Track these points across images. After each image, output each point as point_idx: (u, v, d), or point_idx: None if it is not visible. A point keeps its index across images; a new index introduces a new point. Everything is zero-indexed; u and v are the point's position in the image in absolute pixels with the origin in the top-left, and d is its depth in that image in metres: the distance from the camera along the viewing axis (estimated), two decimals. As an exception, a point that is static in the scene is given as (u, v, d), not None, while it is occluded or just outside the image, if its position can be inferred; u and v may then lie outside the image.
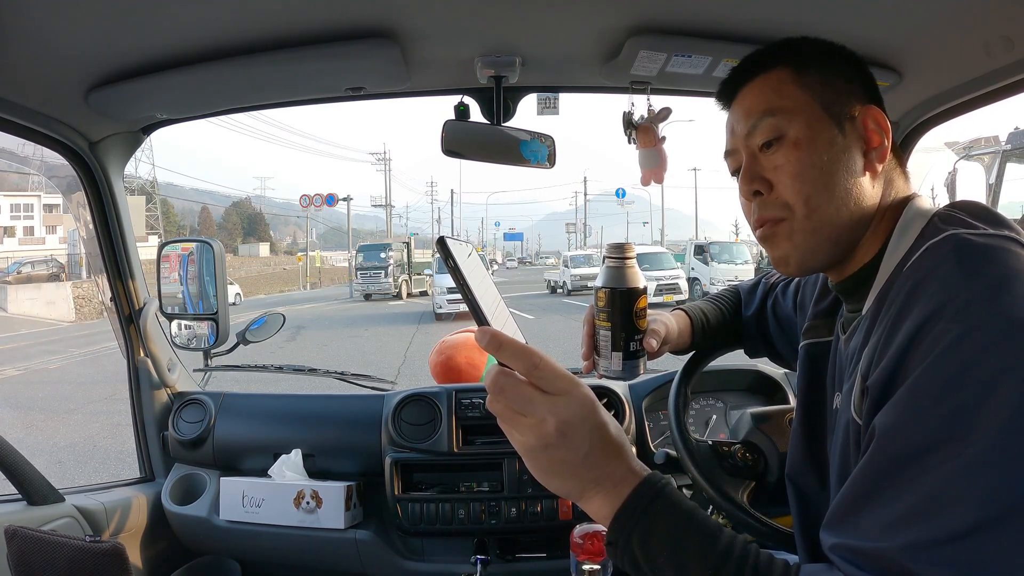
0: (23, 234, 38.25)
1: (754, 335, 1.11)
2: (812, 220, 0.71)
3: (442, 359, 1.71)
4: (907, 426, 0.53)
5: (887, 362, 0.57)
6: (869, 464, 0.54)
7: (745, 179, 0.75)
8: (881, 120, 0.73)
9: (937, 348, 0.53)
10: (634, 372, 0.88)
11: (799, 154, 0.71)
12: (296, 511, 1.43)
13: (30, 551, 1.10)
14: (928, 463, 0.50)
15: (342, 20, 1.01)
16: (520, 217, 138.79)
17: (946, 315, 0.54)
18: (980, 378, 0.50)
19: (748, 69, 0.78)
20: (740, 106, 0.78)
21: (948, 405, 0.51)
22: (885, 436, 0.54)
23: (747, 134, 0.75)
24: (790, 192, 0.72)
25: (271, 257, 57.39)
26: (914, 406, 0.53)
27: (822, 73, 0.74)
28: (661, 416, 1.56)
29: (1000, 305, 0.53)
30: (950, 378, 0.51)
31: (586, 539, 0.96)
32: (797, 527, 0.86)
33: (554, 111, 1.45)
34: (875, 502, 0.53)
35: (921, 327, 0.55)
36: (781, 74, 0.75)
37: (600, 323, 0.86)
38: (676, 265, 17.34)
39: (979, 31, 0.98)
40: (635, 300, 0.85)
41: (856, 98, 0.74)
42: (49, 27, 0.94)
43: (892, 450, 0.53)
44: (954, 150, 6.76)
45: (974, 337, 0.52)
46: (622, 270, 0.85)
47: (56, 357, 11.41)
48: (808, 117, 0.72)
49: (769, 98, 0.74)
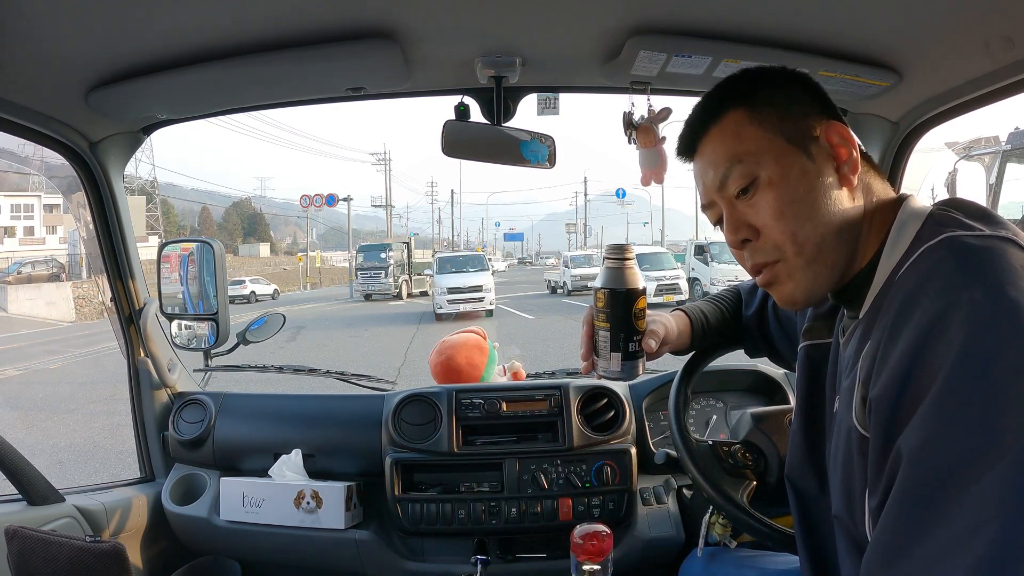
0: (23, 234, 38.25)
1: (755, 335, 1.11)
2: (805, 255, 0.71)
3: (442, 359, 1.71)
4: (939, 444, 0.51)
5: (891, 373, 0.56)
6: (906, 491, 0.52)
7: (730, 230, 0.75)
8: (844, 132, 0.72)
9: (950, 358, 0.52)
10: (633, 372, 0.88)
11: (775, 193, 0.71)
12: (296, 511, 1.43)
13: (30, 551, 1.10)
14: (968, 478, 0.49)
15: (342, 20, 1.01)
16: (520, 217, 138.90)
17: (951, 321, 0.53)
18: (999, 380, 0.50)
19: (700, 120, 0.77)
20: (704, 158, 0.77)
21: (975, 414, 0.50)
22: (916, 458, 0.52)
23: (720, 185, 0.74)
24: (777, 233, 0.71)
25: (271, 257, 57.40)
26: (941, 422, 0.51)
27: (773, 104, 0.73)
28: (661, 416, 1.56)
29: (1004, 305, 0.53)
30: (971, 387, 0.51)
31: (586, 539, 0.96)
32: (798, 528, 0.86)
33: (554, 111, 1.45)
34: (923, 531, 0.50)
35: (927, 335, 0.54)
36: (735, 116, 0.74)
37: (599, 324, 0.86)
38: (676, 265, 17.34)
39: (979, 31, 0.98)
40: (634, 301, 0.85)
41: (812, 117, 0.73)
42: (49, 27, 0.94)
43: (925, 473, 0.51)
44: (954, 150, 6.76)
45: (984, 340, 0.52)
46: (621, 271, 0.85)
47: (56, 357, 11.42)
48: (774, 154, 0.71)
49: (731, 145, 0.73)
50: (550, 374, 1.78)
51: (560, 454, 1.44)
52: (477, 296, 15.40)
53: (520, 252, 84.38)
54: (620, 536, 1.43)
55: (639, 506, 1.46)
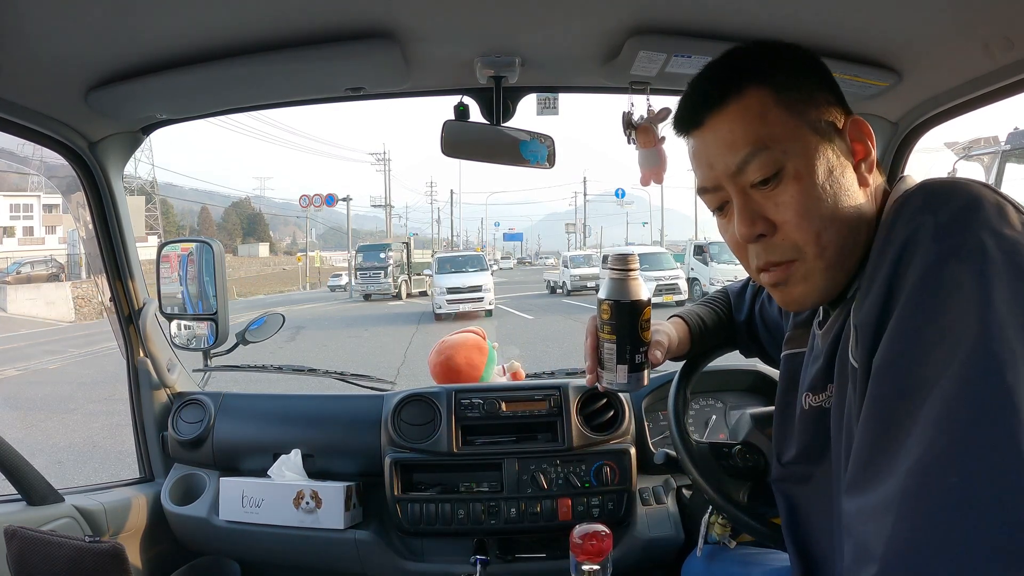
0: (23, 234, 38.20)
1: (746, 340, 1.11)
2: (825, 257, 0.66)
3: (442, 359, 1.71)
4: (896, 362, 0.53)
5: (872, 299, 0.58)
6: (869, 406, 0.55)
7: (745, 222, 0.68)
8: (866, 128, 0.69)
9: (912, 280, 0.54)
10: (639, 383, 0.86)
11: (802, 188, 0.65)
12: (296, 511, 1.43)
13: (30, 551, 1.10)
14: (920, 395, 0.51)
15: (342, 20, 1.01)
16: (520, 217, 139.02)
17: (922, 240, 0.55)
18: (954, 301, 0.51)
19: (715, 91, 0.68)
20: (716, 135, 0.68)
21: (931, 334, 0.52)
22: (878, 375, 0.55)
23: (736, 171, 0.67)
24: (799, 232, 0.66)
25: (271, 257, 57.41)
26: (901, 341, 0.54)
27: (798, 88, 0.67)
28: (661, 416, 1.56)
29: (973, 224, 0.54)
30: (936, 301, 0.52)
31: (586, 539, 0.95)
32: (785, 528, 0.86)
33: (554, 111, 1.45)
34: (879, 447, 0.53)
35: (899, 259, 0.56)
36: (760, 95, 0.66)
37: (604, 336, 0.85)
38: (675, 265, 17.34)
39: (979, 31, 0.98)
40: (640, 312, 0.84)
41: (834, 107, 0.69)
42: (49, 27, 0.94)
43: (887, 389, 0.54)
44: (954, 150, 6.77)
45: (945, 261, 0.53)
46: (625, 282, 0.84)
47: (55, 357, 11.41)
48: (803, 144, 0.66)
49: (755, 128, 0.66)
50: (549, 374, 1.78)
51: (559, 454, 1.44)
52: (476, 296, 15.39)
53: (520, 252, 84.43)
54: (619, 536, 1.43)
55: (638, 506, 1.46)
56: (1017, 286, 0.51)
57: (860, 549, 0.52)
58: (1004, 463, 0.46)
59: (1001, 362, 0.48)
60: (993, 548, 0.45)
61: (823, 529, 0.77)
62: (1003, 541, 0.45)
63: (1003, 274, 0.51)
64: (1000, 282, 0.51)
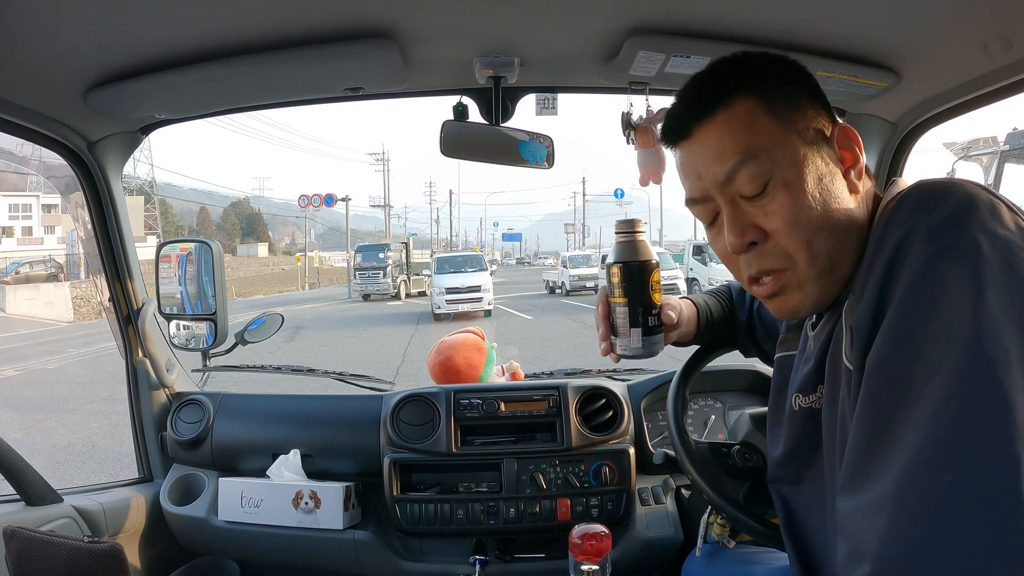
0: (21, 234, 38.14)
1: (746, 340, 1.11)
2: (817, 265, 0.66)
3: (441, 359, 1.71)
4: (889, 360, 0.54)
5: (867, 297, 0.58)
6: (864, 405, 0.55)
7: (735, 232, 0.68)
8: (853, 135, 0.69)
9: (906, 280, 0.54)
10: (653, 349, 0.86)
11: (792, 195, 0.65)
12: (295, 511, 1.43)
13: (28, 551, 1.10)
14: (912, 392, 0.51)
15: (341, 20, 1.01)
16: (519, 217, 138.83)
17: (916, 240, 0.55)
18: (959, 296, 0.51)
19: (702, 101, 0.68)
20: (704, 146, 0.68)
21: (924, 334, 0.52)
22: (871, 374, 0.55)
23: (725, 181, 0.67)
24: (790, 240, 0.66)
25: (270, 257, 57.29)
26: (894, 340, 0.54)
27: (786, 96, 0.67)
28: (660, 416, 1.56)
29: (966, 224, 0.54)
30: (930, 301, 0.53)
31: (585, 539, 0.96)
32: (783, 528, 0.86)
33: (553, 111, 1.45)
34: (872, 445, 0.54)
35: (894, 258, 0.56)
36: (747, 104, 0.66)
37: (616, 300, 0.85)
38: (675, 265, 17.37)
39: (978, 31, 0.99)
40: (649, 272, 0.85)
41: (821, 115, 0.69)
42: (48, 27, 0.94)
43: (883, 387, 0.54)
44: (953, 150, 6.77)
45: (946, 259, 0.53)
46: (634, 244, 0.85)
47: (54, 357, 11.39)
48: (792, 152, 0.66)
49: (743, 137, 0.66)
50: (548, 374, 1.78)
51: (558, 454, 1.44)
52: (475, 296, 15.37)
53: (518, 252, 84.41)
54: (618, 536, 1.43)
55: (637, 506, 1.46)
56: (1010, 286, 0.51)
57: (853, 548, 0.52)
58: (997, 462, 0.46)
59: (994, 362, 0.49)
60: (986, 547, 0.45)
61: (820, 528, 0.77)
62: (996, 540, 0.45)
63: (997, 274, 0.51)
64: (994, 282, 0.51)
